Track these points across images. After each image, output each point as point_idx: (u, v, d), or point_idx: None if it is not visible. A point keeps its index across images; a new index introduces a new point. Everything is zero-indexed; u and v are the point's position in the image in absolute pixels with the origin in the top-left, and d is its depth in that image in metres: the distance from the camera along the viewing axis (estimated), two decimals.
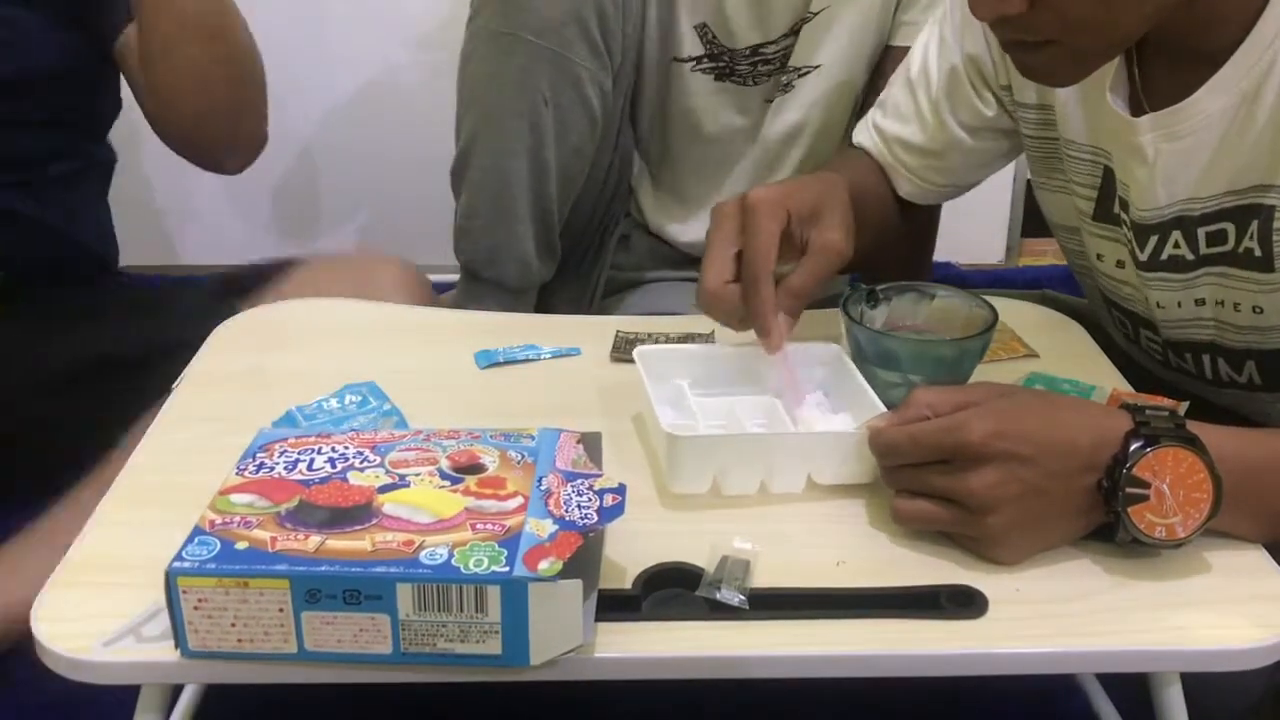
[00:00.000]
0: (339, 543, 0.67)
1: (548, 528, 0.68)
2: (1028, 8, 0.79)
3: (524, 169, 1.31)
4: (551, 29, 1.26)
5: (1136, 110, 0.93)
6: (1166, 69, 0.91)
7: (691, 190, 1.51)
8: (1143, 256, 0.97)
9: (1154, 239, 0.96)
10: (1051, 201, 1.10)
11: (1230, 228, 0.91)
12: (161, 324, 1.21)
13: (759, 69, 1.41)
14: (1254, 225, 0.89)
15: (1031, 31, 0.82)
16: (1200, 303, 0.96)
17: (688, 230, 1.51)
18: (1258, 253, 0.90)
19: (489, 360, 1.02)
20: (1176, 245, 0.94)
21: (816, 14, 1.37)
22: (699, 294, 0.92)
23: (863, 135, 1.19)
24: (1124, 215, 0.99)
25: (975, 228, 2.21)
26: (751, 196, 0.91)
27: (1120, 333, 1.09)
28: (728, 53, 1.39)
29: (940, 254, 1.78)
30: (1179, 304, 0.98)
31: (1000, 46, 0.88)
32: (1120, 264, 1.03)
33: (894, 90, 1.17)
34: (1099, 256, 1.05)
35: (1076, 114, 1.00)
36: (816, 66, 1.41)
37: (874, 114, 1.19)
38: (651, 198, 1.53)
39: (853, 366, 0.91)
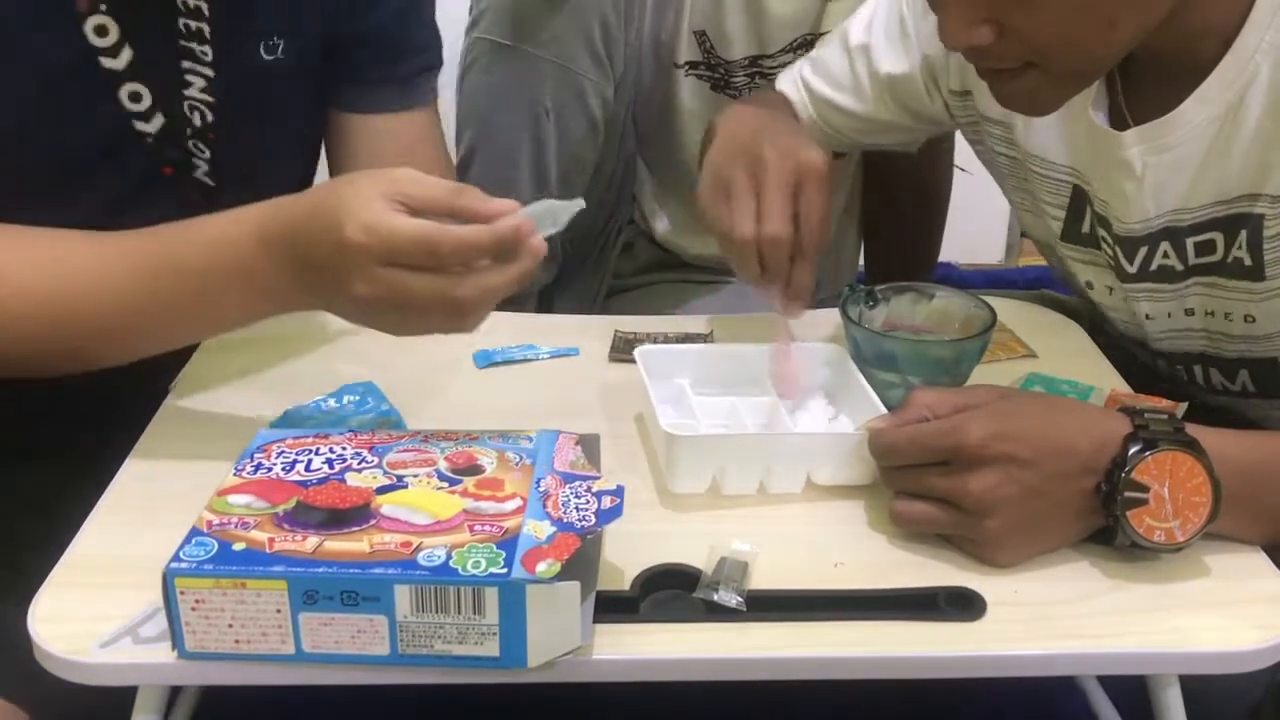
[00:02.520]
0: (337, 544, 0.67)
1: (546, 529, 0.68)
2: (996, 37, 0.79)
3: (525, 179, 1.30)
4: (554, 41, 1.24)
5: (1119, 125, 0.93)
6: (1150, 83, 0.91)
7: (691, 200, 1.50)
8: (1132, 269, 0.97)
9: (1143, 250, 0.96)
10: (1026, 221, 1.10)
11: (1219, 237, 0.91)
12: None
13: (756, 82, 1.40)
14: (1243, 234, 0.89)
15: (1005, 59, 0.82)
16: (1190, 313, 0.96)
17: (695, 243, 1.50)
18: (1248, 262, 0.89)
19: (487, 360, 1.01)
20: (1166, 255, 0.94)
21: (818, 35, 1.36)
22: (749, 234, 0.90)
23: (786, 85, 1.15)
24: (1103, 233, 0.98)
25: (975, 228, 2.21)
26: (811, 160, 0.91)
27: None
28: (724, 64, 1.39)
29: (940, 254, 1.78)
30: (1169, 315, 0.98)
31: (977, 75, 0.88)
32: (1090, 284, 1.03)
33: (830, 51, 1.13)
34: (1075, 276, 1.05)
35: (1049, 132, 0.99)
36: None
37: (803, 68, 1.15)
38: (654, 205, 1.52)
39: (854, 368, 0.91)
